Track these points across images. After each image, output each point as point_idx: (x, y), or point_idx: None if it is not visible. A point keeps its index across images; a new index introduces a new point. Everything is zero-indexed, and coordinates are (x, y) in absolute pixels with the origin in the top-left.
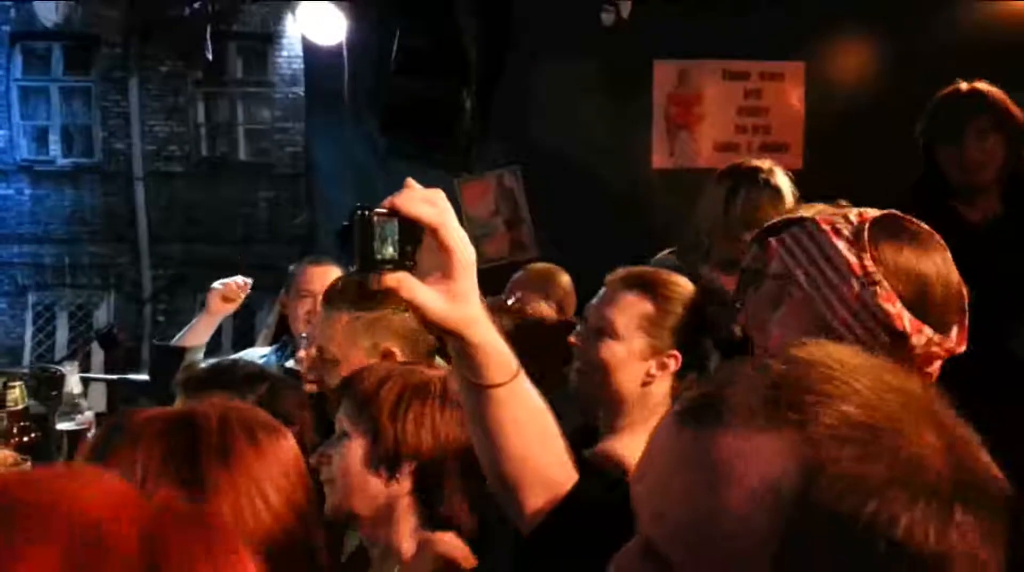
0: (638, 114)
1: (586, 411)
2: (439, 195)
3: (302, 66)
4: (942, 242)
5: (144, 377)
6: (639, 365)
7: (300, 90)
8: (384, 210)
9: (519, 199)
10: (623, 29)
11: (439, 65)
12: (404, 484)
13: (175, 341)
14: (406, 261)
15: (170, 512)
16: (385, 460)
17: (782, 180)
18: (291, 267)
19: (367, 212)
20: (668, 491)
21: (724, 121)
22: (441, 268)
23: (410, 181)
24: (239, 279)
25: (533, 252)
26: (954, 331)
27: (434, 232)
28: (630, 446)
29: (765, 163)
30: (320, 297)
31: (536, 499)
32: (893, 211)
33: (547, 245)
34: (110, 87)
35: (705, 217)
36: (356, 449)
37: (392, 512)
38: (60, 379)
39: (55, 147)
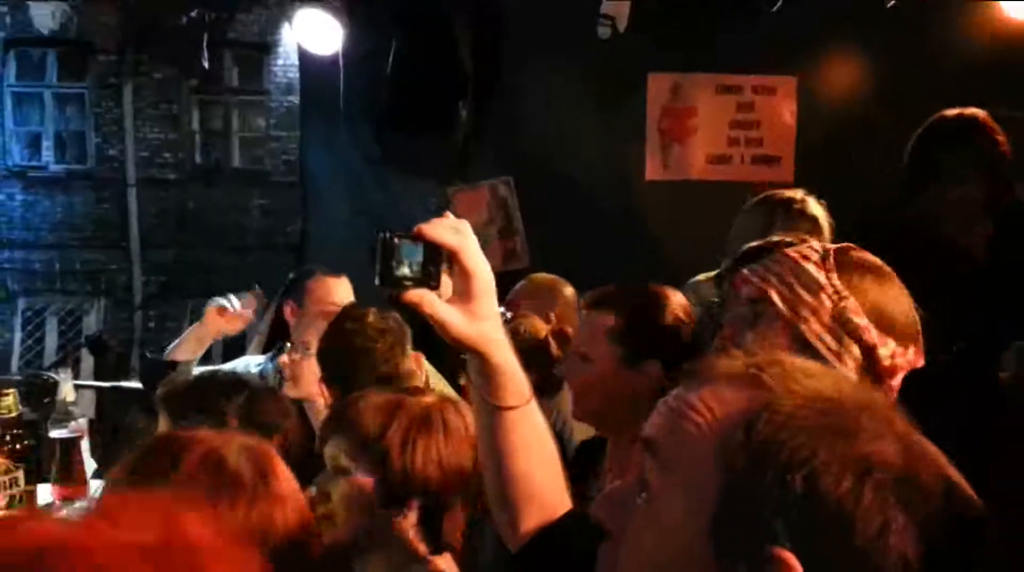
0: (631, 126)
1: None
2: (464, 224)
3: (297, 75)
4: (894, 274)
5: (135, 384)
6: (618, 378)
7: (295, 99)
8: (410, 233)
9: (512, 209)
10: (618, 42)
11: (434, 75)
12: (411, 517)
13: (166, 354)
14: (430, 281)
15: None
16: (393, 497)
17: (817, 210)
18: (295, 276)
19: (389, 234)
20: (657, 426)
21: (717, 134)
22: (462, 291)
23: (448, 214)
24: (240, 308)
25: (525, 262)
26: (911, 350)
27: (455, 256)
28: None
29: (797, 193)
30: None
31: (530, 520)
32: (850, 245)
33: (539, 256)
34: (104, 94)
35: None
36: (360, 486)
37: (396, 542)
38: (52, 386)
39: (48, 153)
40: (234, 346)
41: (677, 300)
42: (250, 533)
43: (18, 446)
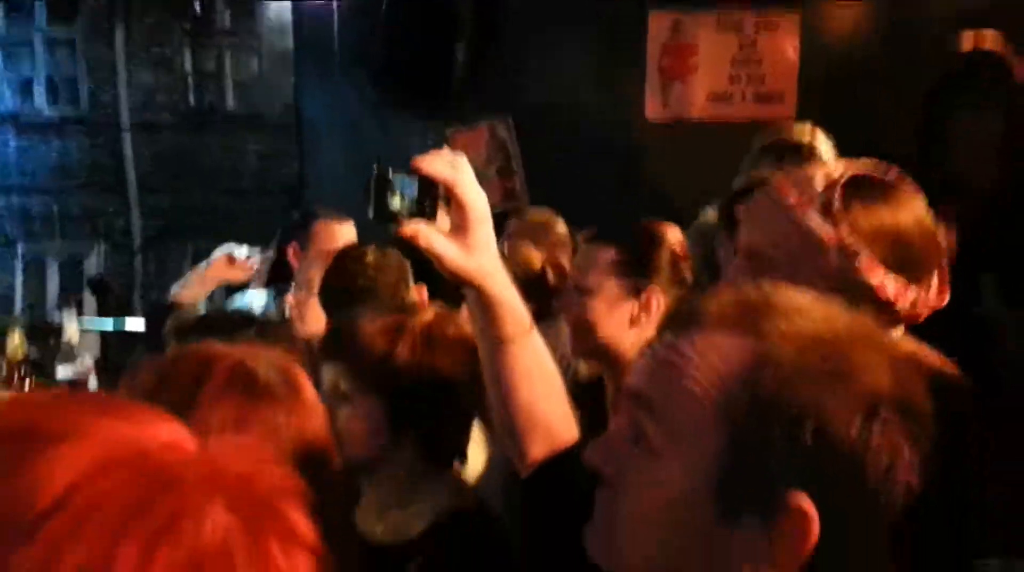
0: (632, 65)
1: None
2: (460, 158)
3: (290, 16)
4: (914, 187)
5: (139, 325)
6: (619, 311)
7: (288, 40)
8: (406, 168)
9: (511, 149)
10: None
11: (431, 15)
12: (416, 432)
13: (170, 296)
14: (425, 214)
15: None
16: (400, 417)
17: (828, 154)
18: (299, 218)
19: (383, 168)
20: (650, 379)
21: (718, 72)
22: (458, 224)
23: (446, 148)
24: (248, 256)
25: (525, 201)
26: (935, 281)
27: (450, 188)
28: None
29: (805, 135)
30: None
31: (537, 449)
32: (859, 170)
33: (539, 195)
34: (95, 38)
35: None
36: (362, 410)
37: (402, 458)
38: (58, 327)
39: (40, 98)
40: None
41: (675, 236)
42: (284, 444)
43: (26, 385)
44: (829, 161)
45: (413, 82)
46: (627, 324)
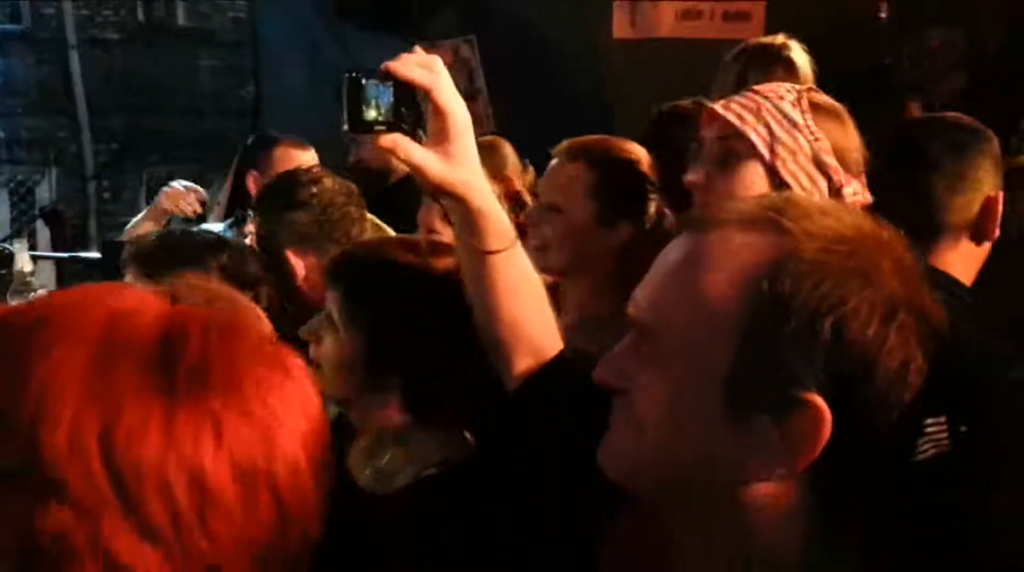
0: None
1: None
2: (435, 60)
3: None
4: (847, 114)
5: (94, 254)
6: (590, 233)
7: None
8: (378, 74)
9: (476, 70)
10: None
11: None
12: (393, 385)
13: (124, 234)
14: (402, 123)
15: (193, 313)
16: (381, 360)
17: (799, 55)
18: (255, 142)
19: (356, 74)
20: (664, 281)
21: None
22: (437, 132)
23: (417, 48)
24: (191, 191)
25: (489, 126)
26: (861, 185)
27: (427, 94)
28: None
29: (778, 39)
30: None
31: (523, 362)
32: (810, 86)
33: (504, 118)
34: None
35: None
36: (350, 344)
37: (381, 405)
38: (9, 258)
39: None
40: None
41: (648, 159)
42: None
43: None
44: (801, 63)
45: None
46: (591, 251)
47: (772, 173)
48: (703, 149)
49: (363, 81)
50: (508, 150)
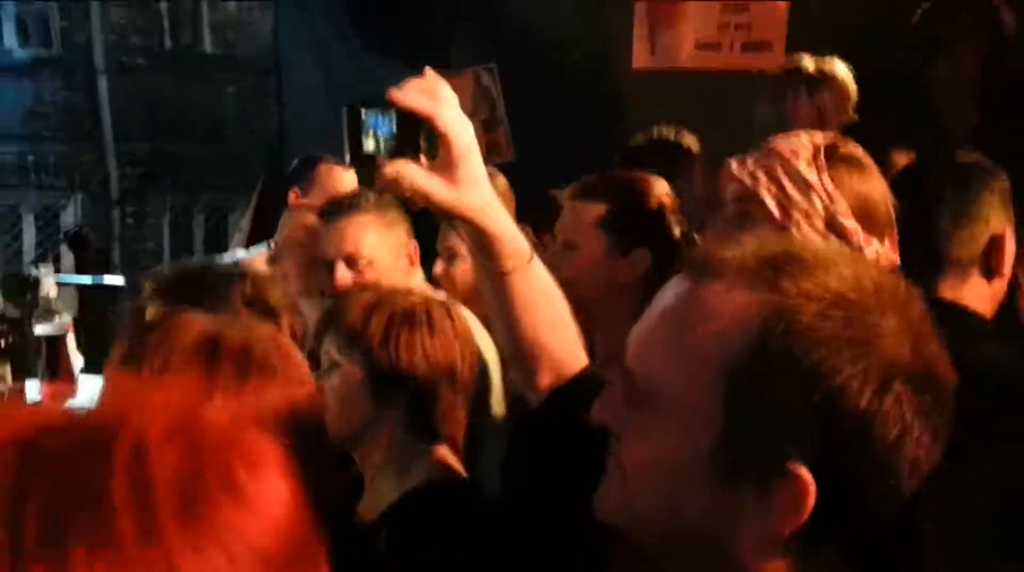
0: (618, 12)
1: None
2: (440, 85)
3: None
4: (875, 167)
5: (118, 281)
6: (607, 266)
7: None
8: (381, 103)
9: (496, 99)
10: None
11: None
12: (399, 407)
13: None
14: (406, 152)
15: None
16: (381, 389)
17: (841, 71)
18: (300, 162)
19: (355, 105)
20: (653, 330)
21: (707, 20)
22: (443, 157)
23: (427, 71)
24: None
25: (509, 155)
26: (887, 242)
27: (431, 122)
28: None
29: (812, 61)
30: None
31: (545, 378)
32: (837, 140)
33: (524, 147)
34: None
35: (761, 130)
36: (349, 379)
37: (387, 433)
38: (35, 283)
39: (10, 38)
40: (215, 243)
41: (662, 188)
42: (269, 414)
43: (2, 343)
44: (848, 84)
45: (396, 25)
46: (613, 283)
47: (786, 237)
48: (722, 208)
49: (362, 112)
50: (500, 180)
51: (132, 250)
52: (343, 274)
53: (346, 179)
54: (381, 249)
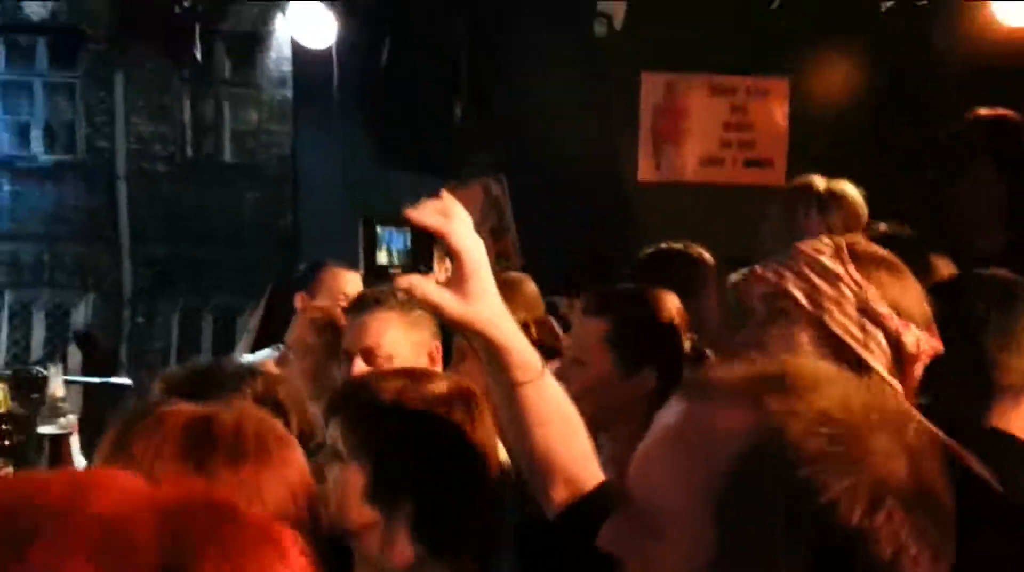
0: (625, 126)
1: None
2: (453, 205)
3: (290, 68)
4: (904, 266)
5: (125, 381)
6: (613, 384)
7: (287, 92)
8: (396, 219)
9: (505, 208)
10: (613, 40)
11: (429, 70)
12: (403, 514)
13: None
14: (419, 266)
15: (190, 505)
16: (384, 494)
17: (851, 191)
18: (306, 268)
19: (371, 220)
20: (649, 454)
21: (710, 136)
22: (454, 272)
23: (443, 193)
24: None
25: (516, 264)
26: (925, 333)
27: (444, 239)
28: None
29: (821, 182)
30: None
31: (559, 492)
32: (858, 238)
33: (531, 255)
34: (95, 84)
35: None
36: (352, 478)
37: (390, 538)
38: (41, 381)
39: (37, 143)
40: (223, 343)
41: (671, 303)
42: (271, 503)
43: (7, 442)
44: (858, 203)
45: (410, 137)
46: (619, 400)
47: (820, 327)
48: (750, 312)
49: (377, 227)
50: (528, 287)
51: (140, 350)
52: (359, 368)
53: (352, 282)
54: (402, 346)
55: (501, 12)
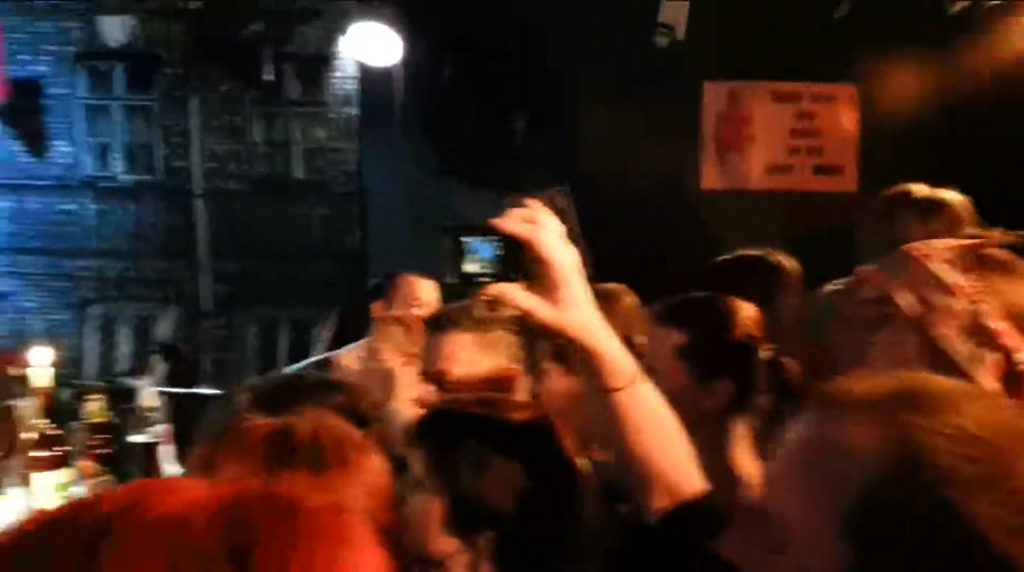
0: (688, 135)
1: None
2: (540, 212)
3: (355, 87)
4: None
5: (211, 391)
6: (685, 396)
7: (353, 110)
8: (482, 229)
9: (571, 219)
10: (675, 50)
11: (489, 85)
12: (485, 544)
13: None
14: (508, 274)
15: (250, 498)
16: (465, 524)
17: (953, 198)
18: (381, 280)
19: (457, 230)
20: (785, 465)
21: (776, 143)
22: (544, 279)
23: (525, 202)
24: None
25: (586, 272)
26: None
27: (532, 247)
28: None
29: (922, 189)
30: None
31: (658, 499)
32: (974, 242)
33: (595, 267)
34: (171, 106)
35: (867, 253)
36: (432, 506)
37: (473, 566)
38: (130, 392)
39: (118, 164)
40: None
41: (747, 314)
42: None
43: (105, 451)
44: (963, 210)
45: (472, 151)
46: (694, 411)
47: (925, 337)
48: (851, 320)
49: (465, 238)
50: (626, 299)
51: (220, 361)
52: (428, 392)
53: (427, 289)
54: (475, 368)
55: (561, 26)
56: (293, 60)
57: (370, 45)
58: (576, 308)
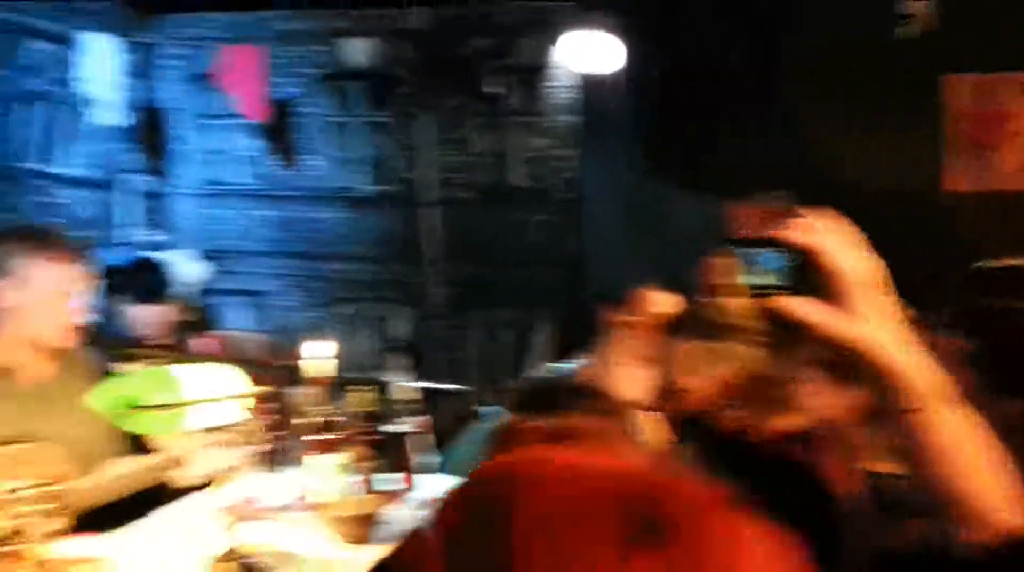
0: (925, 133)
1: None
2: (823, 220)
3: (571, 94)
4: None
5: (456, 386)
6: (977, 404)
7: (570, 118)
8: (762, 239)
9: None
10: (913, 42)
11: (708, 91)
12: None
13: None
14: (790, 286)
15: (655, 489)
16: None
17: None
18: (599, 287)
19: (736, 242)
20: None
21: None
22: (830, 290)
23: (805, 214)
24: None
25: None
26: None
27: (814, 255)
28: None
29: None
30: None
31: (965, 531)
32: None
33: None
34: (403, 122)
35: None
36: None
37: None
38: (390, 385)
39: (361, 176)
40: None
41: None
42: None
43: (375, 438)
44: None
45: (692, 159)
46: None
47: None
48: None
49: (745, 249)
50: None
51: (448, 360)
52: (660, 400)
53: (662, 301)
54: (700, 378)
55: (786, 21)
56: (511, 71)
57: (588, 53)
58: (864, 321)
